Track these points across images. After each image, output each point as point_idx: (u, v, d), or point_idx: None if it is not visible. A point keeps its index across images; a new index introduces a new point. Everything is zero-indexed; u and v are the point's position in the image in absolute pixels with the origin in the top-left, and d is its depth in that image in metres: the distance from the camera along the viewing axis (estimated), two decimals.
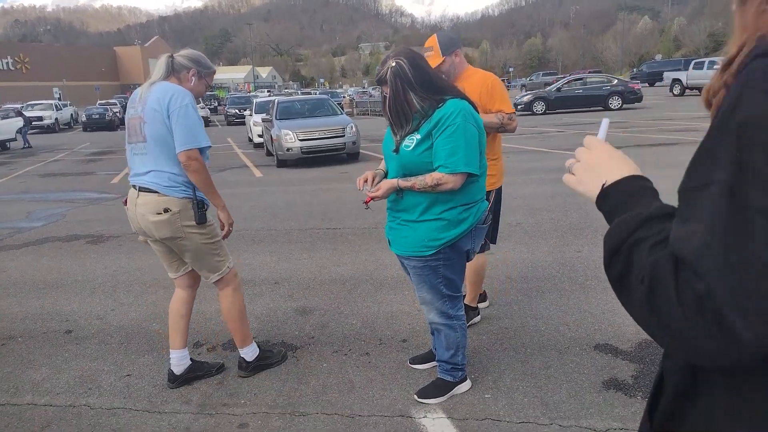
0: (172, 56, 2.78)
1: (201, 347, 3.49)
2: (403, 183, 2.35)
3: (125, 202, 2.85)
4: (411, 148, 2.35)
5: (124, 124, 23.05)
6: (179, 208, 2.68)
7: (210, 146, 2.72)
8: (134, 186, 2.75)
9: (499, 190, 3.38)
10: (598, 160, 0.90)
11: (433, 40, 3.20)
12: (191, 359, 3.05)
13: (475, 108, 2.43)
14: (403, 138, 2.39)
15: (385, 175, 2.59)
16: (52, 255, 5.87)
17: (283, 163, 12.08)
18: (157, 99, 2.61)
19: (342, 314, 3.87)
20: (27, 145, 20.92)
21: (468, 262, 2.59)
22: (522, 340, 3.33)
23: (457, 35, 3.40)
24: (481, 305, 3.74)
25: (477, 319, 3.59)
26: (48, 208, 8.71)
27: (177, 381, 2.97)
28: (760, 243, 0.60)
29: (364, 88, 69.16)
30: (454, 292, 2.56)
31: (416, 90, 2.31)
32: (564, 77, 45.38)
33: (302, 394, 2.86)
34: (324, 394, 2.84)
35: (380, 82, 2.39)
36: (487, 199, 3.26)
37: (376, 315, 3.80)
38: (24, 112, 24.56)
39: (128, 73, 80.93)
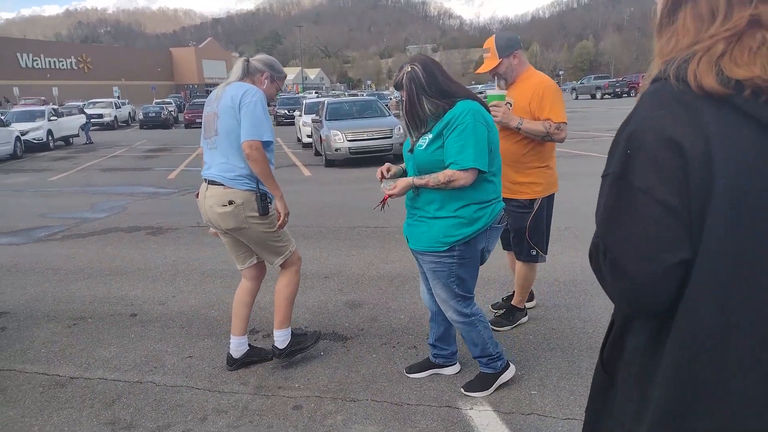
0: (248, 60, 2.95)
1: (257, 333, 3.67)
2: (418, 181, 2.46)
3: (197, 195, 3.01)
4: (424, 147, 2.47)
5: (178, 122, 23.94)
6: (243, 200, 2.80)
7: (272, 141, 2.84)
8: (205, 179, 2.92)
9: (550, 198, 3.34)
10: None
11: (490, 42, 3.19)
12: (249, 345, 3.21)
13: (486, 107, 2.51)
14: (417, 139, 2.51)
15: (404, 173, 2.69)
16: (115, 244, 6.21)
17: (331, 163, 12.31)
18: (231, 96, 2.77)
19: (390, 309, 3.98)
20: (89, 141, 21.99)
21: (482, 263, 2.63)
22: (570, 341, 3.35)
23: (516, 36, 3.32)
24: (528, 304, 3.77)
25: (524, 319, 3.63)
26: (110, 200, 9.18)
27: (235, 364, 3.13)
28: (637, 209, 0.89)
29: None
30: (465, 293, 2.62)
31: (428, 94, 2.43)
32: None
33: (353, 381, 2.98)
34: (373, 383, 2.95)
35: (397, 86, 2.53)
36: (531, 207, 3.27)
37: (423, 311, 3.88)
38: (85, 110, 25.82)
39: (183, 73, 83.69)
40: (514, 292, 3.67)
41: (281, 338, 3.11)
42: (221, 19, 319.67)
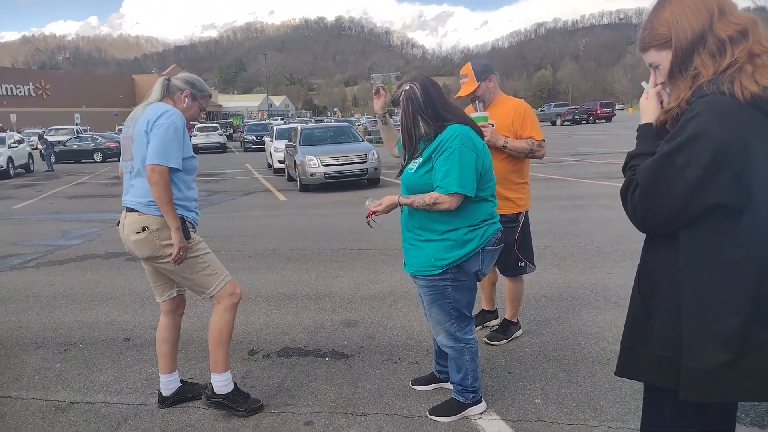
0: (168, 79, 2.81)
1: (256, 354, 3.67)
2: (403, 200, 2.50)
3: (117, 224, 2.82)
4: (413, 170, 2.52)
5: None
6: (158, 226, 2.62)
7: (179, 170, 2.62)
8: (124, 206, 2.75)
9: (527, 213, 3.55)
10: (642, 110, 1.62)
11: (468, 68, 3.40)
12: (181, 381, 3.06)
13: (479, 131, 2.57)
14: (409, 157, 2.56)
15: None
16: (95, 270, 6.09)
17: (305, 188, 12.36)
18: (147, 119, 2.60)
19: (387, 327, 4.04)
20: (50, 168, 21.44)
21: (478, 281, 2.66)
22: (564, 352, 3.48)
23: (490, 62, 3.59)
24: (493, 322, 3.92)
25: (519, 333, 3.75)
26: (82, 227, 8.99)
27: (166, 402, 2.96)
28: (667, 176, 1.38)
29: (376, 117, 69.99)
30: (463, 314, 2.64)
31: (423, 114, 2.49)
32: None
33: (360, 396, 3.02)
34: (381, 397, 3.00)
35: (395, 103, 2.60)
36: (517, 221, 3.46)
37: (420, 328, 3.96)
38: (46, 137, 25.18)
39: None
40: (480, 310, 3.89)
41: (221, 383, 2.85)
42: (184, 46, 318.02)
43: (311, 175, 11.98)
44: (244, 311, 4.51)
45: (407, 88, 2.52)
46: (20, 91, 62.43)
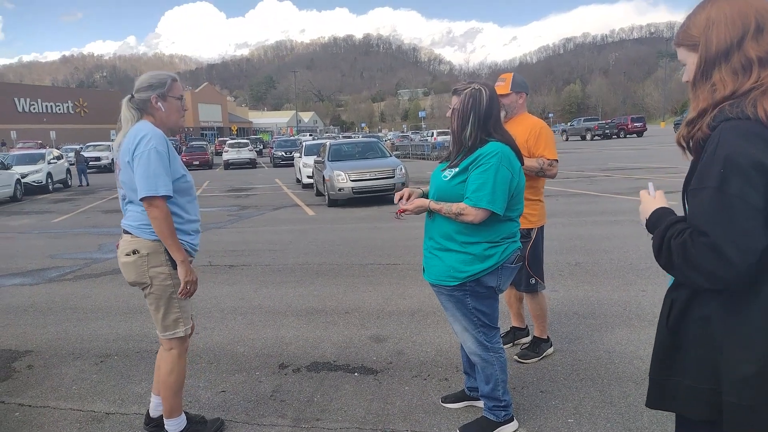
0: (131, 96, 2.63)
1: (286, 368, 3.69)
2: (434, 205, 2.53)
3: (117, 246, 2.73)
4: (448, 178, 2.53)
5: None
6: (148, 251, 2.53)
7: (170, 196, 2.50)
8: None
9: (541, 229, 3.53)
10: (644, 206, 1.59)
11: (509, 75, 3.51)
12: None
13: (519, 155, 2.58)
14: (452, 159, 2.58)
15: (425, 197, 2.77)
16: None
17: (334, 203, 12.45)
18: (126, 149, 2.51)
19: (416, 343, 4.02)
20: (85, 183, 22.10)
21: (498, 294, 2.65)
22: (597, 371, 3.41)
23: (527, 84, 3.62)
24: (524, 339, 3.87)
25: (550, 350, 3.69)
26: (117, 241, 9.20)
27: (151, 423, 2.87)
28: (734, 208, 1.25)
29: (403, 132, 70.38)
30: (488, 323, 2.63)
31: (477, 119, 2.49)
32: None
33: (389, 413, 3.01)
34: (411, 414, 2.98)
35: (455, 92, 2.60)
36: (529, 236, 3.42)
37: (449, 344, 3.93)
38: (82, 153, 25.97)
39: None
40: (511, 327, 3.90)
41: (173, 428, 2.75)
42: (216, 64, 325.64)
43: (339, 190, 12.08)
44: (274, 325, 4.56)
45: (477, 87, 2.52)
46: (59, 109, 64.70)
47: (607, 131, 43.16)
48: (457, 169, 2.52)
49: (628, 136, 42.96)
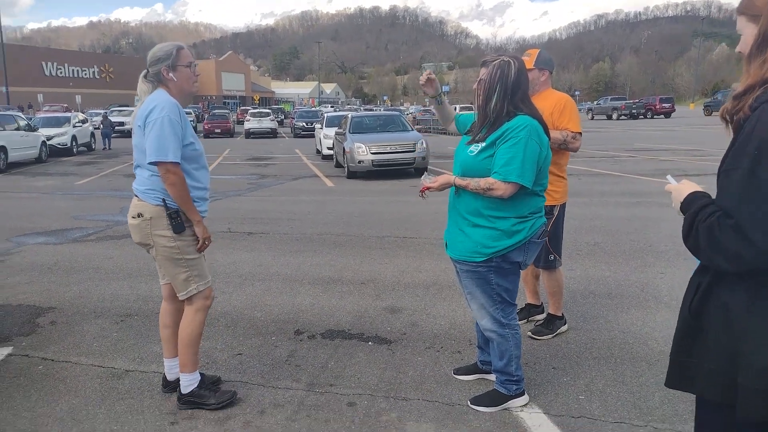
0: (146, 72, 2.71)
1: (302, 334, 3.75)
2: (459, 181, 2.50)
3: None
4: (475, 153, 2.50)
5: (197, 132, 23.95)
6: (151, 215, 2.61)
7: (177, 162, 2.55)
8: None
9: (563, 206, 3.50)
10: (676, 192, 1.53)
11: (534, 51, 3.46)
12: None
13: (546, 129, 2.54)
14: (476, 132, 2.57)
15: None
16: None
17: (353, 175, 12.45)
18: (140, 113, 2.60)
19: (430, 315, 4.04)
20: (108, 146, 22.39)
21: (522, 270, 2.65)
22: (611, 350, 3.40)
23: (554, 62, 3.56)
24: (538, 316, 3.86)
25: (564, 328, 3.68)
26: None
27: (169, 386, 2.93)
28: (762, 191, 1.23)
29: (425, 106, 69.69)
30: (507, 299, 2.62)
31: (505, 92, 2.46)
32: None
33: (402, 381, 3.04)
34: (423, 384, 3.01)
35: (484, 64, 2.57)
36: (551, 213, 3.38)
37: (462, 318, 3.95)
38: (110, 118, 26.24)
39: (203, 84, 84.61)
40: (526, 304, 3.90)
41: (185, 383, 2.80)
42: (241, 33, 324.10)
43: (359, 162, 12.06)
44: (291, 292, 4.62)
45: (506, 59, 2.50)
46: (85, 74, 65.31)
47: (634, 111, 42.21)
48: (484, 144, 2.49)
49: (655, 116, 41.99)
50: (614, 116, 42.74)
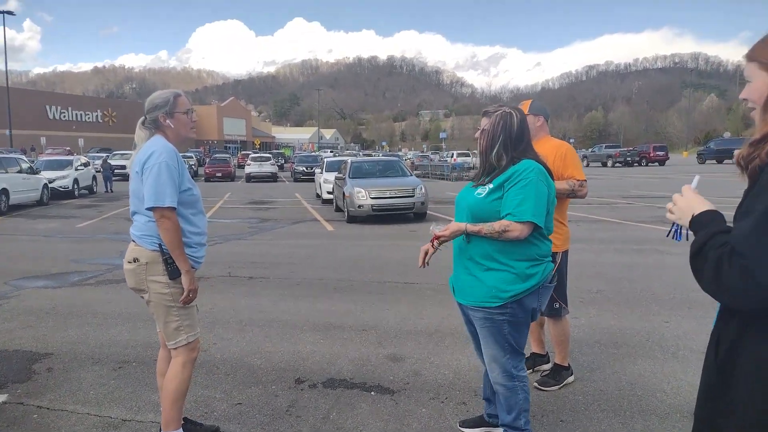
0: (144, 118, 2.75)
1: (303, 383, 3.67)
2: (471, 227, 2.47)
3: None
4: (483, 195, 2.51)
5: (198, 176, 24.32)
6: (147, 261, 2.61)
7: (174, 207, 2.57)
8: None
9: (565, 253, 3.48)
10: (689, 201, 1.50)
11: (527, 101, 3.53)
12: (185, 419, 2.91)
13: (550, 173, 2.58)
14: (478, 178, 2.58)
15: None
16: None
17: (353, 219, 12.48)
18: (138, 159, 2.64)
19: (433, 364, 3.98)
20: (110, 189, 22.50)
21: (532, 320, 2.61)
22: (620, 403, 3.33)
23: (547, 109, 3.63)
24: (544, 366, 3.80)
25: (571, 378, 3.62)
26: None
27: None
28: None
29: (423, 152, 70.58)
30: (517, 349, 2.58)
31: (508, 142, 2.52)
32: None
33: None
34: None
35: (486, 114, 2.62)
36: (554, 261, 3.38)
37: (467, 368, 3.88)
38: (109, 161, 26.47)
39: (204, 129, 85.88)
40: (531, 353, 3.81)
41: None
42: (242, 80, 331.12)
43: (359, 206, 12.11)
44: (291, 338, 4.55)
45: (507, 111, 2.56)
46: (88, 118, 66.16)
47: (628, 158, 42.79)
48: (491, 186, 2.51)
49: (650, 164, 42.54)
50: (609, 163, 43.29)
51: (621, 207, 14.48)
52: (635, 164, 42.49)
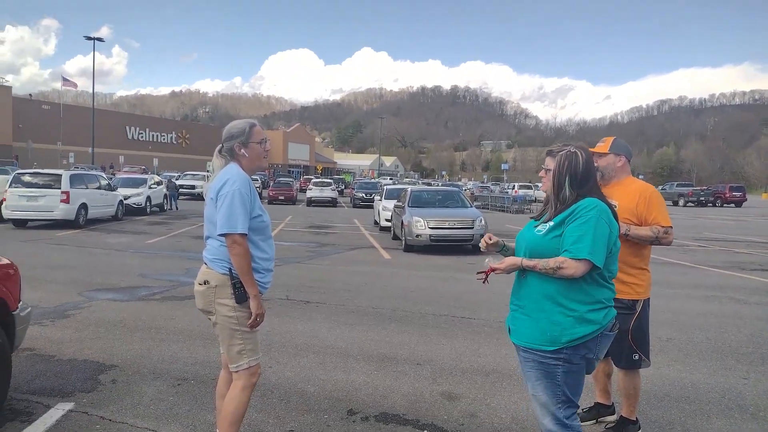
0: (221, 147, 2.86)
1: (355, 415, 3.62)
2: (527, 262, 2.40)
3: None
4: (543, 232, 2.43)
5: (262, 198, 24.93)
6: (216, 283, 2.69)
7: (245, 234, 2.64)
8: None
9: (647, 301, 3.29)
10: None
11: (609, 138, 3.42)
12: None
13: (615, 215, 2.47)
14: (554, 211, 2.48)
15: (506, 247, 2.66)
16: None
17: (410, 248, 12.44)
18: (213, 186, 2.74)
19: (490, 406, 3.84)
20: (175, 207, 23.57)
21: (588, 372, 2.47)
22: None
23: (629, 148, 3.49)
24: (609, 418, 3.57)
25: None
26: None
27: None
28: None
29: (483, 182, 70.00)
30: (572, 398, 2.44)
31: (572, 180, 2.44)
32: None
33: None
34: None
35: (550, 153, 2.56)
36: (634, 308, 3.20)
37: (525, 413, 3.72)
38: (174, 181, 27.75)
39: (270, 153, 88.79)
40: (595, 403, 3.61)
41: None
42: (308, 107, 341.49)
43: (417, 236, 12.07)
44: (345, 367, 4.53)
45: (573, 150, 2.51)
46: (164, 138, 70.00)
47: (702, 198, 40.76)
48: (552, 223, 2.44)
49: (725, 205, 40.33)
50: (681, 202, 41.37)
51: (693, 249, 13.74)
52: (709, 204, 40.40)
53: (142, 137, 66.21)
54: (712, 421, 3.66)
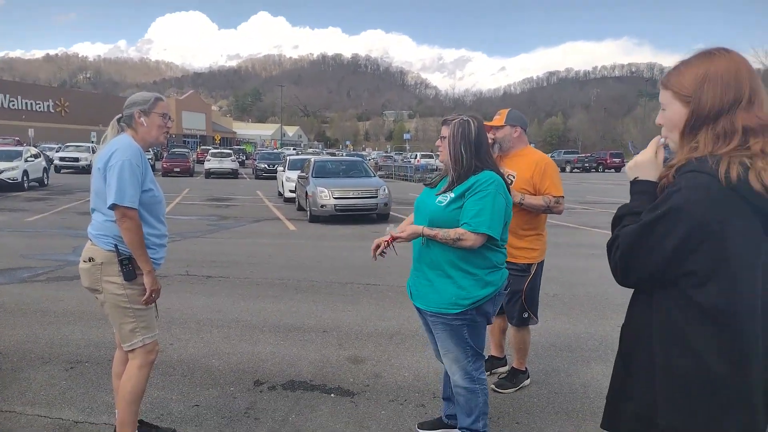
0: (120, 116, 2.76)
1: (262, 385, 3.64)
2: (428, 231, 2.52)
3: None
4: (444, 204, 2.56)
5: (155, 170, 23.45)
6: (102, 261, 2.57)
7: (135, 207, 2.52)
8: None
9: (540, 264, 3.56)
10: (642, 163, 1.57)
11: (504, 111, 3.55)
12: (140, 421, 2.87)
13: (508, 186, 2.65)
14: (456, 180, 2.59)
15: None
16: None
17: (315, 219, 12.42)
18: (101, 156, 2.60)
19: (394, 366, 4.01)
20: (46, 181, 21.47)
21: (488, 324, 2.67)
22: (573, 405, 3.44)
23: (526, 119, 3.66)
24: (501, 369, 3.89)
25: (527, 382, 3.71)
26: None
27: None
28: (650, 240, 1.37)
29: (387, 152, 70.81)
30: (479, 351, 2.65)
31: (466, 148, 2.57)
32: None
33: None
34: None
35: (445, 122, 2.68)
36: (528, 271, 3.48)
37: (426, 370, 3.93)
38: (58, 153, 25.41)
39: None
40: (489, 356, 3.86)
41: None
42: (203, 73, 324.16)
43: (322, 206, 12.07)
44: (251, 340, 4.51)
45: (465, 119, 2.60)
46: (39, 107, 63.59)
47: (586, 164, 44.04)
48: (452, 195, 2.55)
49: (606, 170, 43.90)
50: (567, 169, 44.45)
51: (578, 212, 14.88)
52: (592, 170, 43.76)
53: (13, 105, 59.77)
54: (591, 366, 4.08)
